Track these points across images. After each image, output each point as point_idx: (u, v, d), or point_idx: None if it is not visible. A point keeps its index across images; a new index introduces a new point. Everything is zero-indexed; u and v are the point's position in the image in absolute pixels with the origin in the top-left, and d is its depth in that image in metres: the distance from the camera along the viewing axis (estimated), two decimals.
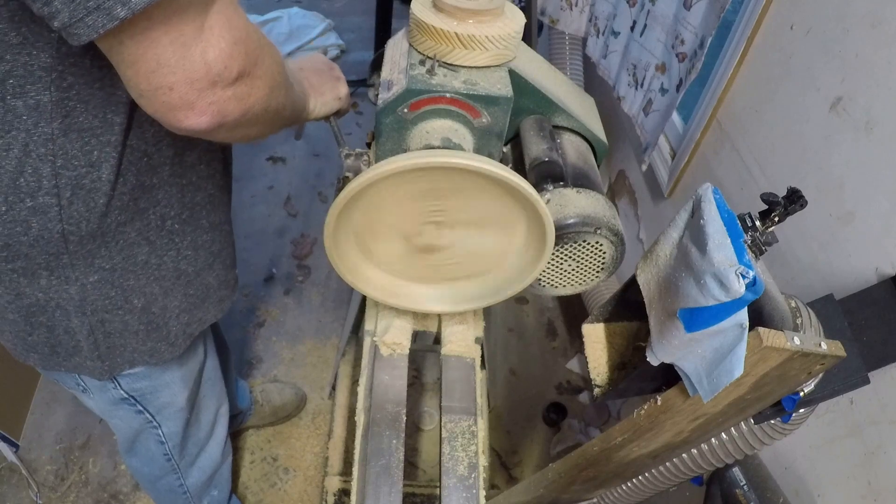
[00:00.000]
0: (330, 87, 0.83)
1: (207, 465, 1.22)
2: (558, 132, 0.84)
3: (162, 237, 0.76)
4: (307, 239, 2.28)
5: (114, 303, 0.76)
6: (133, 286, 0.76)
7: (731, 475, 0.88)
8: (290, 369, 1.89)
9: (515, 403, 1.89)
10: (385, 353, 0.90)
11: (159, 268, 0.78)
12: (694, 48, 1.27)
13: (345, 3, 3.65)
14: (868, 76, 0.88)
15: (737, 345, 0.51)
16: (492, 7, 0.69)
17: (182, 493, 1.22)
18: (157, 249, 0.76)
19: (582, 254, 0.74)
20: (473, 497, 0.77)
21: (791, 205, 0.54)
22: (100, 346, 0.79)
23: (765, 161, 1.14)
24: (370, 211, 0.69)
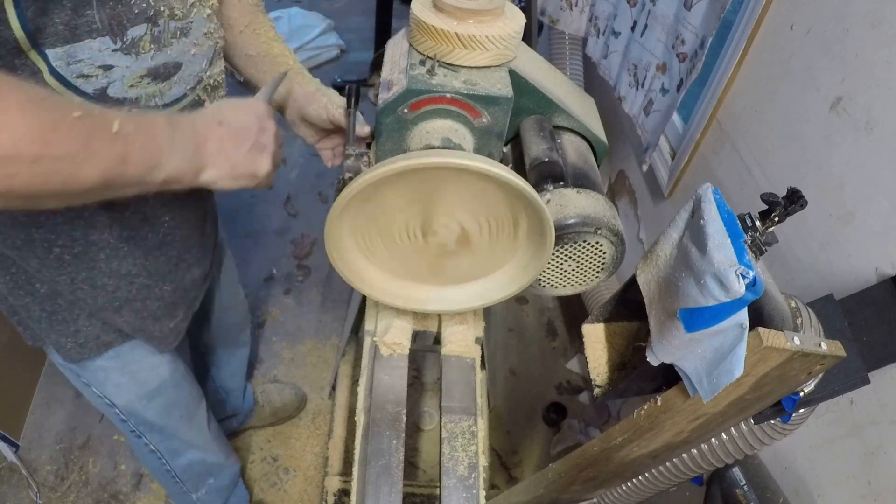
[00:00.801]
0: (246, 160, 0.70)
1: (195, 458, 1.24)
2: (558, 132, 0.84)
3: (51, 260, 0.77)
4: (307, 239, 2.28)
5: (15, 281, 0.80)
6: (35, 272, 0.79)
7: (731, 475, 0.88)
8: (290, 369, 1.89)
9: (515, 403, 1.89)
10: (385, 353, 0.90)
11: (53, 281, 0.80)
12: (694, 48, 1.27)
13: (345, 3, 3.65)
14: (868, 76, 0.88)
15: (737, 345, 0.51)
16: (492, 7, 0.69)
17: (171, 476, 1.24)
18: (46, 267, 0.78)
19: (582, 254, 0.74)
20: (473, 497, 0.77)
21: (791, 205, 0.54)
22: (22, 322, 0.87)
23: (765, 161, 1.14)
24: (370, 211, 0.69)
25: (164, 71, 0.71)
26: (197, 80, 0.77)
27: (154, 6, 0.66)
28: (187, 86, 0.76)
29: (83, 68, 0.63)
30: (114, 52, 0.64)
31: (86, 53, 0.62)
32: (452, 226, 0.72)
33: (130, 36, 0.65)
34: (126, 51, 0.66)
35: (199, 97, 0.79)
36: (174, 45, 0.71)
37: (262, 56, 0.90)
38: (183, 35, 0.71)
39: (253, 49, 0.90)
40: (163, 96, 0.73)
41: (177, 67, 0.73)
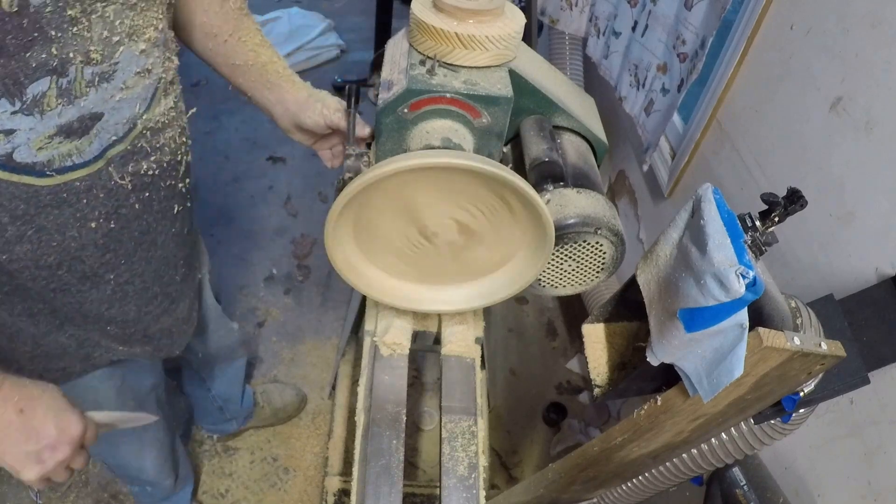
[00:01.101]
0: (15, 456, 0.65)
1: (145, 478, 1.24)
2: (558, 132, 0.84)
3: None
4: (307, 239, 2.28)
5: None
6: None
7: (731, 475, 0.88)
8: (290, 369, 1.89)
9: (515, 403, 1.89)
10: (385, 353, 0.90)
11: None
12: (695, 48, 1.27)
13: (345, 3, 3.65)
14: (868, 76, 0.88)
15: (737, 345, 0.51)
16: (492, 7, 0.69)
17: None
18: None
19: (582, 254, 0.74)
20: (473, 497, 0.77)
21: (791, 205, 0.54)
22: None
23: (765, 161, 1.14)
24: (370, 211, 0.69)
25: (78, 126, 0.62)
26: (128, 129, 0.68)
27: (60, 54, 0.56)
28: (113, 136, 0.66)
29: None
30: (13, 114, 0.56)
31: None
32: (452, 225, 0.72)
33: (31, 94, 0.56)
34: (27, 111, 0.57)
35: (137, 145, 0.70)
36: (91, 95, 0.61)
37: (250, 65, 0.85)
38: (104, 81, 0.62)
39: (239, 58, 0.84)
40: (81, 153, 0.64)
41: (95, 119, 0.63)
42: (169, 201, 0.80)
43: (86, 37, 0.58)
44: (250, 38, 0.84)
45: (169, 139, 0.75)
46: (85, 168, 0.65)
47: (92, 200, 0.68)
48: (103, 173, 0.67)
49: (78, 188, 0.66)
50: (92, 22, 0.58)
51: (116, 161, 0.68)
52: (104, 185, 0.68)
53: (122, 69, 0.63)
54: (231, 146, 2.62)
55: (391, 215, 0.70)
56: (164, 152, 0.75)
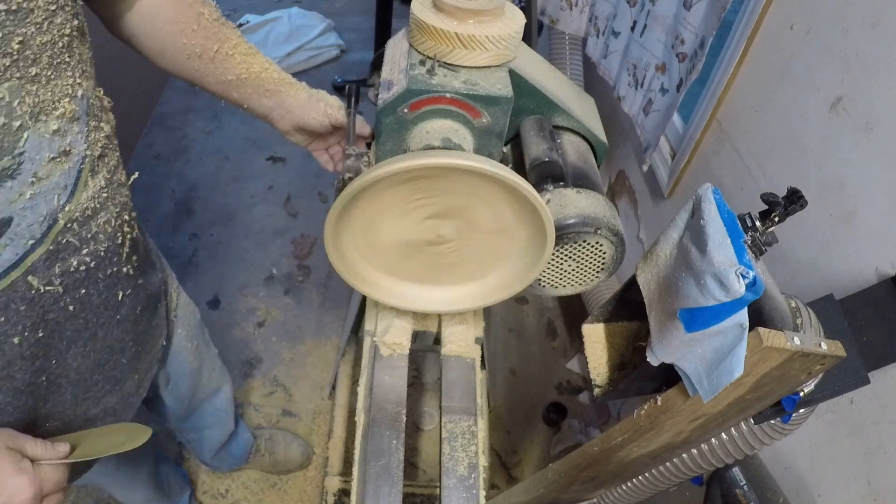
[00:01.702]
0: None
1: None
2: (558, 132, 0.84)
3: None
4: (307, 239, 2.28)
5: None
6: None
7: (731, 475, 0.88)
8: (290, 369, 1.89)
9: (515, 403, 1.89)
10: (385, 353, 0.90)
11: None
12: (694, 48, 1.27)
13: (345, 3, 3.65)
14: (868, 76, 0.88)
15: (737, 345, 0.51)
16: (492, 7, 0.69)
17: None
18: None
19: (582, 254, 0.74)
20: (473, 497, 0.77)
21: (791, 205, 0.54)
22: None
23: (765, 161, 1.14)
24: (370, 211, 0.69)
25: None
26: (47, 227, 0.57)
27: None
28: (29, 240, 0.55)
29: None
30: None
31: None
32: (451, 226, 0.72)
33: None
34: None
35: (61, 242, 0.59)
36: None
37: (244, 78, 0.79)
38: (7, 178, 0.51)
39: (231, 73, 0.78)
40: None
41: (4, 226, 0.53)
42: (112, 290, 0.70)
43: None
44: (237, 50, 0.78)
45: (104, 224, 0.64)
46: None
47: (12, 316, 0.58)
48: (20, 284, 0.57)
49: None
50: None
51: (39, 266, 0.58)
52: (23, 296, 0.58)
53: (30, 159, 0.52)
54: (231, 146, 2.62)
55: (391, 215, 0.70)
56: (99, 241, 0.65)
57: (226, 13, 0.80)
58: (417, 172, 0.63)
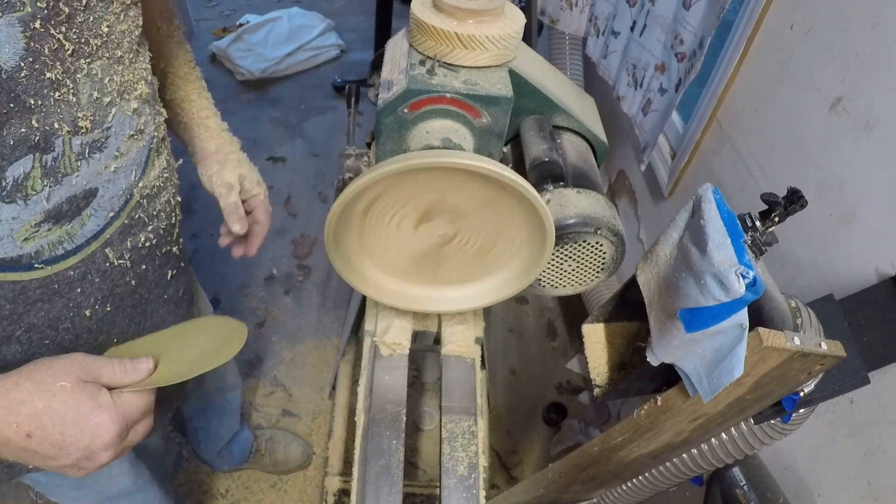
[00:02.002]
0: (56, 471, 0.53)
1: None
2: (558, 132, 0.84)
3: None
4: (307, 239, 2.28)
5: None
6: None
7: (731, 475, 0.88)
8: (290, 369, 1.89)
9: (515, 403, 1.89)
10: (385, 353, 0.90)
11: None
12: (693, 48, 1.27)
13: (345, 3, 3.65)
14: (868, 76, 0.88)
15: (737, 345, 0.51)
16: (492, 7, 0.69)
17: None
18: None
19: (582, 254, 0.74)
20: (473, 497, 0.77)
21: (791, 205, 0.54)
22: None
23: (765, 161, 1.14)
24: (370, 211, 0.69)
25: (69, 208, 0.54)
26: (124, 201, 0.60)
27: (42, 126, 0.48)
28: (110, 213, 0.59)
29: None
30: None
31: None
32: (452, 226, 0.72)
33: (11, 177, 0.48)
34: (8, 198, 0.49)
35: (134, 217, 0.62)
36: (82, 170, 0.53)
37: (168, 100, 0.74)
38: (96, 151, 0.54)
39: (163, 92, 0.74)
40: (73, 238, 0.56)
41: (90, 196, 0.56)
42: (163, 268, 0.73)
43: (72, 102, 0.50)
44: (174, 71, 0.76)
45: (164, 203, 0.68)
46: (78, 254, 0.57)
47: (87, 287, 0.60)
48: (98, 256, 0.60)
49: (71, 277, 0.58)
50: (78, 83, 0.50)
51: (114, 239, 0.61)
52: (99, 267, 0.60)
53: (115, 134, 0.55)
54: None
55: (391, 215, 0.70)
56: (160, 219, 0.68)
57: (226, 13, 0.80)
58: (417, 173, 0.63)
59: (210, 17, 3.40)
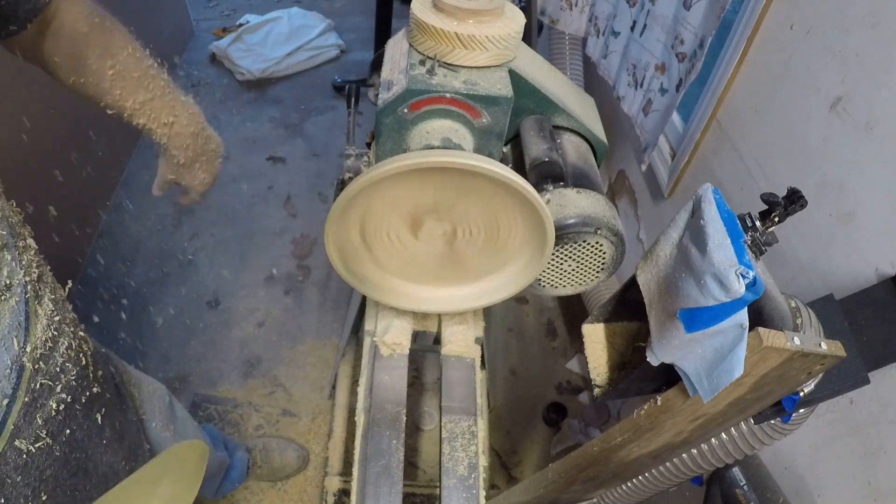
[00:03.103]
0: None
1: None
2: (558, 132, 0.84)
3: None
4: (307, 239, 2.28)
5: None
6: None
7: (731, 475, 0.88)
8: (290, 369, 1.89)
9: (515, 403, 1.89)
10: (385, 353, 0.90)
11: None
12: (693, 48, 1.27)
13: (345, 3, 3.65)
14: (868, 76, 0.88)
15: (737, 345, 0.51)
16: (492, 7, 0.69)
17: None
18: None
19: (582, 254, 0.74)
20: (473, 497, 0.77)
21: (791, 205, 0.54)
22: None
23: (765, 161, 1.14)
24: (370, 211, 0.69)
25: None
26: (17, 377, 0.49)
27: None
28: (3, 400, 0.48)
29: None
30: None
31: None
32: (452, 226, 0.72)
33: None
34: None
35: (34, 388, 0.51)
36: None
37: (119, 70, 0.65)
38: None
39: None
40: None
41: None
42: (90, 417, 0.62)
43: None
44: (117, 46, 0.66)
45: (66, 350, 0.57)
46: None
47: (10, 491, 0.50)
48: (9, 454, 0.49)
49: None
50: None
51: (21, 426, 0.50)
52: (15, 465, 0.50)
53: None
54: (231, 146, 2.62)
55: (391, 215, 0.70)
56: (68, 370, 0.57)
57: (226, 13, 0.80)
58: (417, 173, 0.63)
59: (210, 17, 3.40)
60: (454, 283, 0.81)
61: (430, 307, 0.82)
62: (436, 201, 0.69)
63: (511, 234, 0.72)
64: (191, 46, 3.14)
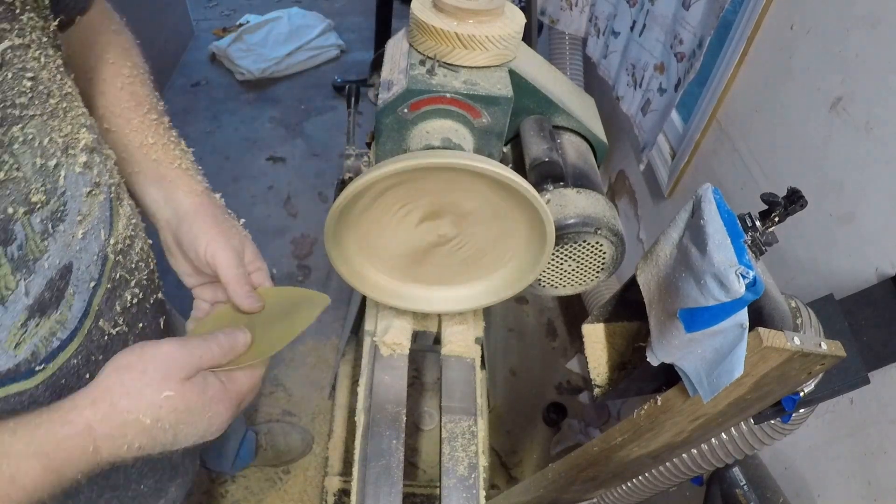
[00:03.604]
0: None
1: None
2: (558, 132, 0.84)
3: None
4: (307, 239, 2.28)
5: None
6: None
7: (731, 475, 0.88)
8: (290, 369, 1.89)
9: (515, 403, 1.89)
10: (385, 353, 0.90)
11: None
12: (692, 48, 1.27)
13: (345, 3, 3.65)
14: (868, 76, 0.88)
15: (737, 345, 0.51)
16: (492, 7, 0.69)
17: None
18: None
19: (582, 254, 0.74)
20: (473, 497, 0.77)
21: (791, 205, 0.54)
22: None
23: (765, 161, 1.14)
24: (370, 211, 0.69)
25: (50, 295, 0.48)
26: (101, 265, 0.53)
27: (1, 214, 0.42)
28: (91, 283, 0.52)
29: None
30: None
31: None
32: (451, 225, 0.72)
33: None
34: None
35: (114, 278, 0.56)
36: (51, 248, 0.47)
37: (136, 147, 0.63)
38: (58, 222, 0.48)
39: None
40: (65, 325, 0.50)
41: (66, 273, 0.49)
42: (157, 319, 0.67)
43: (18, 178, 0.44)
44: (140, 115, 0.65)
45: (139, 252, 0.61)
46: (75, 339, 0.52)
47: (94, 369, 0.54)
48: (94, 332, 0.54)
49: (76, 366, 0.53)
50: (17, 154, 0.44)
51: (104, 309, 0.55)
52: (98, 344, 0.55)
53: (72, 197, 0.49)
54: (231, 146, 2.62)
55: (391, 216, 0.70)
56: (140, 269, 0.61)
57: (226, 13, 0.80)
58: (417, 173, 0.63)
59: (210, 17, 3.40)
60: (454, 283, 0.81)
61: (429, 307, 0.82)
62: (436, 201, 0.69)
63: (511, 235, 0.72)
64: (191, 46, 3.14)
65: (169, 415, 0.47)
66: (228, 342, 0.53)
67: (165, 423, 0.47)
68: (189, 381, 0.48)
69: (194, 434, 0.49)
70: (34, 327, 0.47)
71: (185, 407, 0.48)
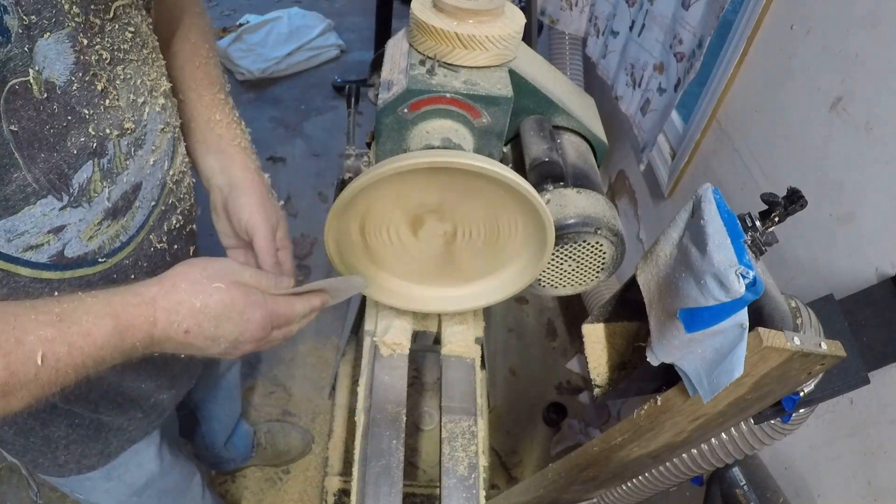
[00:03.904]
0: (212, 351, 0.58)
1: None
2: (558, 132, 0.84)
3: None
4: (307, 239, 2.28)
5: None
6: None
7: (731, 475, 0.88)
8: (290, 369, 1.89)
9: (515, 403, 1.89)
10: (385, 353, 0.90)
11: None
12: (692, 48, 1.27)
13: (345, 3, 3.65)
14: (868, 76, 0.88)
15: (737, 345, 0.51)
16: (492, 7, 0.69)
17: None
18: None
19: (582, 254, 0.74)
20: (473, 497, 0.77)
21: (791, 205, 0.54)
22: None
23: (765, 161, 1.14)
24: (370, 211, 0.69)
25: (123, 204, 0.60)
26: (160, 189, 0.66)
27: (97, 133, 0.54)
28: (151, 202, 0.65)
29: (29, 240, 0.53)
30: (62, 210, 0.53)
31: (28, 223, 0.52)
32: (452, 226, 0.72)
33: (77, 183, 0.53)
34: (76, 203, 0.54)
35: (168, 203, 0.68)
36: (131, 167, 0.59)
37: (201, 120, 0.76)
38: (138, 148, 0.60)
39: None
40: (126, 231, 0.62)
41: (137, 190, 0.61)
42: (188, 245, 0.78)
43: (118, 107, 0.55)
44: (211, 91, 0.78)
45: (187, 186, 0.73)
46: (131, 244, 0.64)
47: (138, 273, 0.66)
48: (145, 243, 0.66)
49: (126, 265, 0.64)
50: (118, 89, 0.55)
51: (156, 225, 0.67)
52: (146, 253, 0.67)
53: (151, 131, 0.61)
54: None
55: (391, 215, 0.70)
56: (185, 200, 0.73)
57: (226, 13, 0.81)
58: (417, 173, 0.63)
59: (210, 17, 3.40)
60: (454, 283, 0.81)
61: (430, 307, 0.82)
62: (436, 201, 0.69)
63: (511, 234, 0.72)
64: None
65: (216, 304, 0.55)
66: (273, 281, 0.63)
67: (211, 312, 0.55)
68: (237, 284, 0.58)
69: (231, 332, 0.57)
70: (106, 227, 0.59)
71: (230, 300, 0.56)
